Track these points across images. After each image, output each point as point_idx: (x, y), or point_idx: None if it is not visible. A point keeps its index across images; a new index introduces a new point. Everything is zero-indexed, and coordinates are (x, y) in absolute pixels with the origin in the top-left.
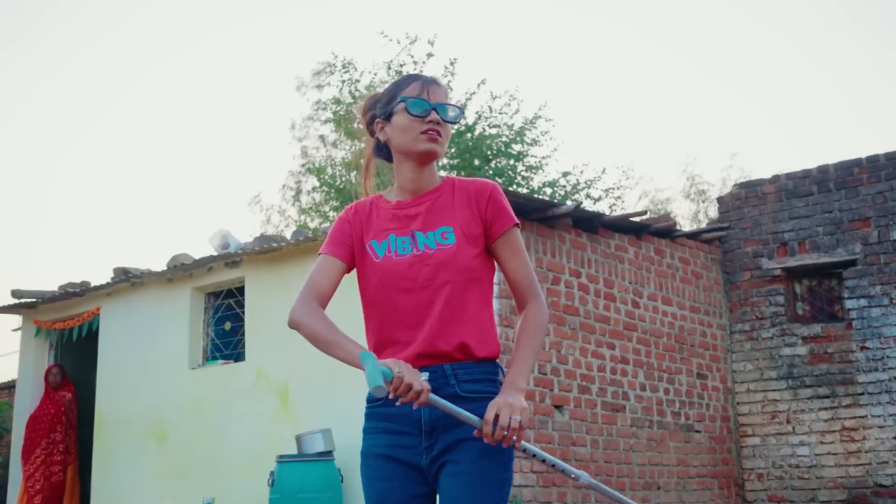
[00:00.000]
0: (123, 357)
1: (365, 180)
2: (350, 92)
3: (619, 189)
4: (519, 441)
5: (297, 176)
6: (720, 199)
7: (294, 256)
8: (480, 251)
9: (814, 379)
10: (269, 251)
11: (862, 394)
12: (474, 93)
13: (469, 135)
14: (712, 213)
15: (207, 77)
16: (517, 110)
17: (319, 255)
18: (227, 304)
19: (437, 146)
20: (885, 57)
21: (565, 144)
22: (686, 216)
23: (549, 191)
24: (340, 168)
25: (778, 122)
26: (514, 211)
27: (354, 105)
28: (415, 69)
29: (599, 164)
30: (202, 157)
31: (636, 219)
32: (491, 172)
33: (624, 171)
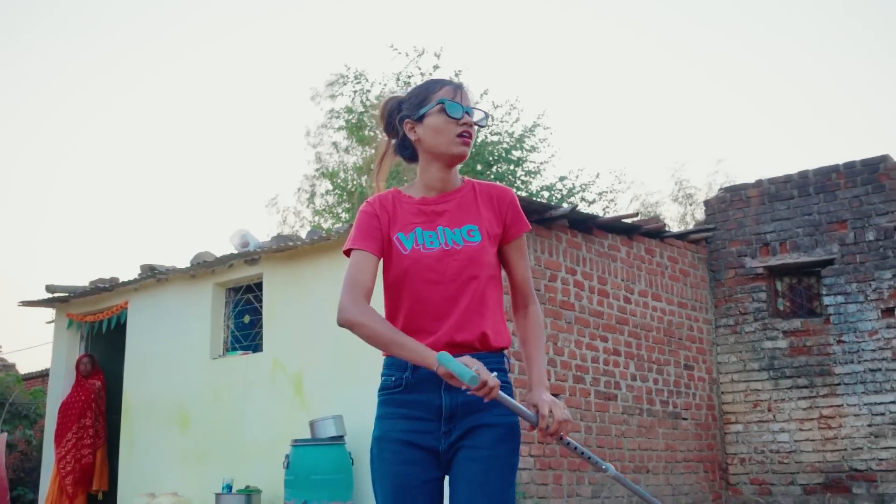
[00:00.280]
0: (149, 348)
1: (378, 174)
2: (362, 102)
3: (611, 192)
4: (567, 433)
5: (311, 180)
6: (706, 202)
7: (308, 255)
8: (496, 250)
9: (793, 370)
10: (285, 250)
11: (838, 384)
12: (478, 102)
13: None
14: (699, 216)
15: (230, 87)
16: (517, 119)
17: (353, 251)
18: (246, 298)
19: (468, 149)
20: (861, 69)
21: (562, 151)
22: (674, 218)
23: (546, 194)
24: (352, 172)
25: (761, 130)
26: None
27: (373, 107)
28: (423, 79)
29: (594, 169)
30: (224, 162)
31: (628, 220)
32: (492, 177)
33: (616, 176)
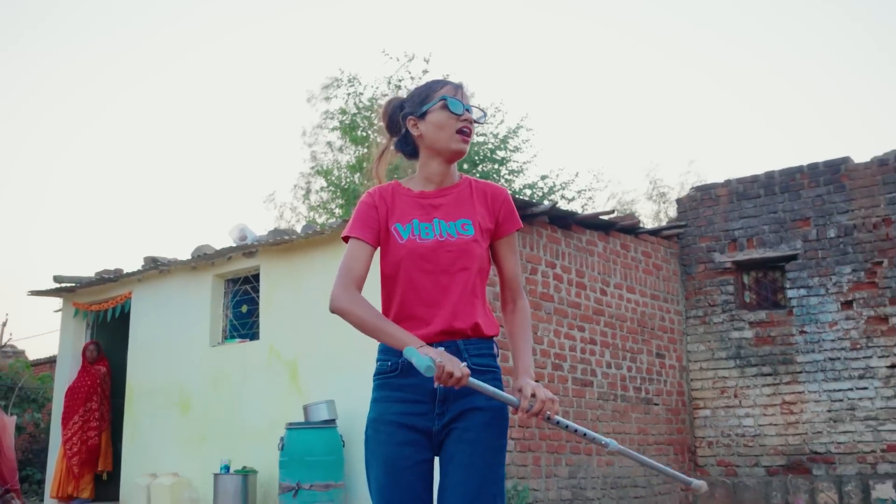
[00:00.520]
0: (152, 335)
1: (377, 168)
2: (355, 104)
3: (589, 191)
4: (553, 414)
5: (307, 177)
6: (678, 201)
7: (303, 248)
8: (486, 245)
9: (758, 359)
10: (281, 243)
11: (800, 372)
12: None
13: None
14: (671, 213)
15: (230, 88)
16: (501, 121)
17: (350, 239)
18: (244, 289)
19: (467, 146)
20: (824, 75)
21: (543, 151)
22: (649, 215)
23: (528, 192)
24: (346, 171)
25: (731, 132)
26: None
27: (366, 109)
28: (413, 84)
29: (573, 168)
30: (224, 160)
31: (604, 217)
32: (478, 175)
33: (594, 176)
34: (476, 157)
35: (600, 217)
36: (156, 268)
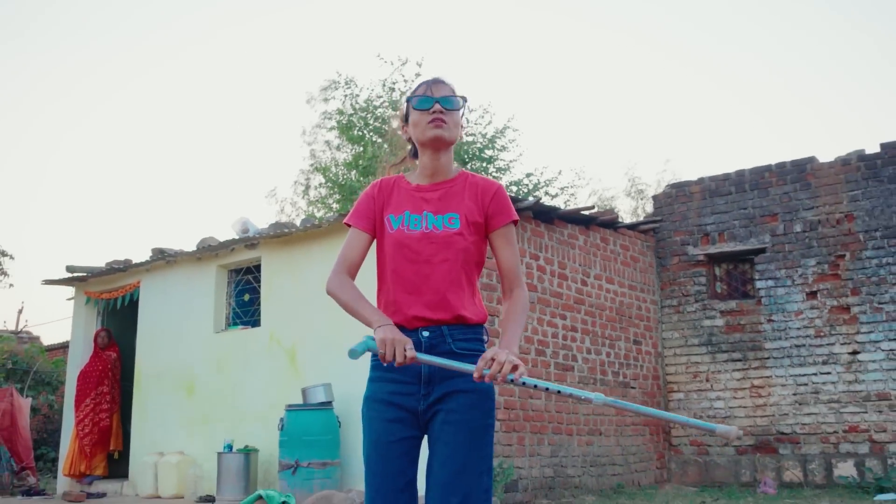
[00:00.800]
0: (159, 322)
1: (391, 168)
2: (351, 105)
3: (572, 188)
4: (518, 376)
5: (306, 174)
6: (655, 197)
7: (302, 240)
8: (478, 238)
9: (729, 345)
10: (281, 235)
11: (768, 358)
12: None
13: None
14: (648, 209)
15: (235, 90)
16: (489, 122)
17: (349, 228)
18: (246, 279)
19: (443, 131)
20: (791, 78)
21: (529, 150)
22: (627, 211)
23: (514, 188)
24: (343, 168)
25: (704, 133)
26: None
27: (362, 109)
28: (406, 86)
29: (556, 167)
30: (229, 158)
31: (585, 212)
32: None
33: (576, 173)
34: (465, 156)
35: (581, 212)
36: (163, 258)
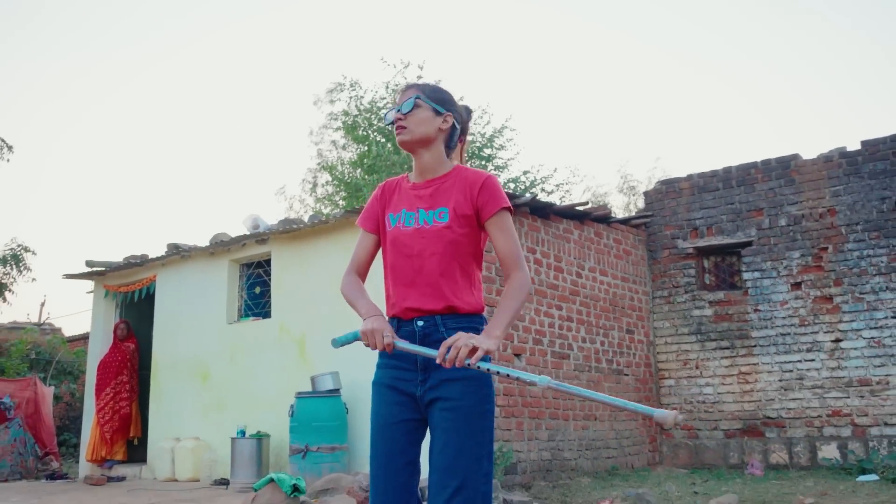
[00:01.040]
0: (175, 314)
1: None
2: (356, 106)
3: (567, 184)
4: (474, 361)
5: (313, 172)
6: (646, 193)
7: (310, 236)
8: (470, 231)
9: (717, 334)
10: (290, 231)
11: (755, 346)
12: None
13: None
14: (640, 204)
15: (246, 93)
16: (488, 122)
17: (360, 229)
18: (257, 272)
19: (403, 135)
20: (776, 78)
21: (526, 149)
22: (619, 206)
23: (512, 185)
24: (348, 166)
25: (693, 131)
26: None
27: (367, 111)
28: None
29: (552, 164)
30: (240, 157)
31: (580, 208)
32: None
33: (571, 171)
34: (465, 155)
35: (576, 208)
36: (178, 253)
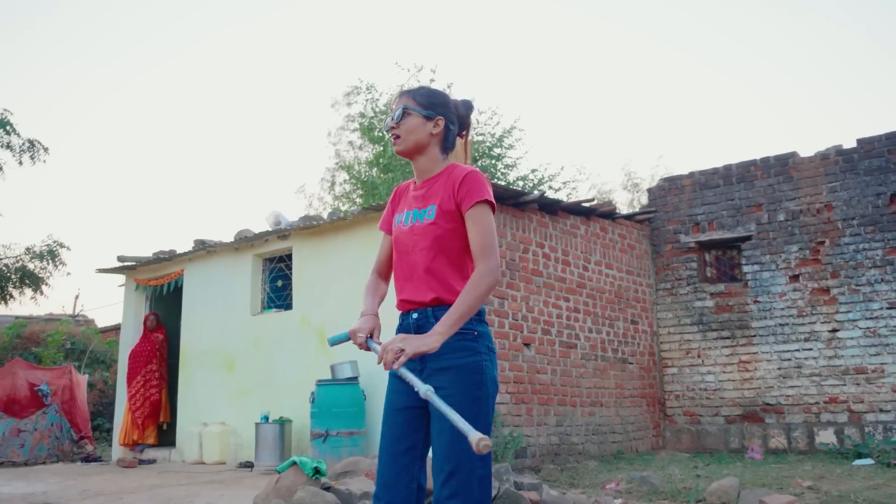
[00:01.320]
0: (201, 306)
1: None
2: (372, 108)
3: (573, 182)
4: (397, 365)
5: (331, 171)
6: (649, 190)
7: (329, 232)
8: (457, 225)
9: (718, 324)
10: (310, 227)
11: (754, 336)
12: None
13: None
14: (643, 201)
15: (268, 97)
16: (497, 122)
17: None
18: (279, 266)
19: (397, 145)
20: (775, 77)
21: (534, 148)
22: (624, 203)
23: (521, 183)
24: (365, 166)
25: (694, 130)
26: (495, 198)
27: (382, 113)
28: None
29: (559, 163)
30: (262, 157)
31: (586, 204)
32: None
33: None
34: (475, 154)
35: (582, 204)
36: (204, 249)
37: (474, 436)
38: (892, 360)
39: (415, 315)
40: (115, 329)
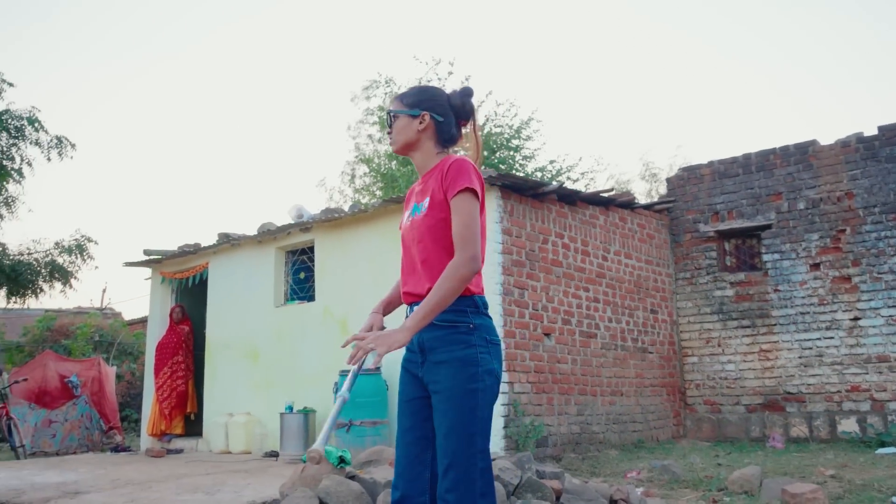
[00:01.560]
0: (226, 299)
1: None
2: (391, 101)
3: (591, 172)
4: (355, 362)
5: (351, 165)
6: (668, 180)
7: (350, 224)
8: (448, 216)
9: (738, 313)
10: (332, 220)
11: (775, 325)
12: (483, 101)
13: (480, 133)
14: (662, 191)
15: (289, 92)
16: (515, 114)
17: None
18: (302, 259)
19: (391, 146)
20: (795, 66)
21: (552, 139)
22: (642, 193)
23: (539, 174)
24: (384, 159)
25: (713, 120)
26: (514, 190)
27: None
28: (440, 84)
29: (577, 154)
30: (284, 151)
31: (605, 195)
32: (496, 161)
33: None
34: (494, 146)
35: (601, 195)
36: (228, 242)
37: (317, 447)
38: None
39: (414, 307)
40: (142, 321)
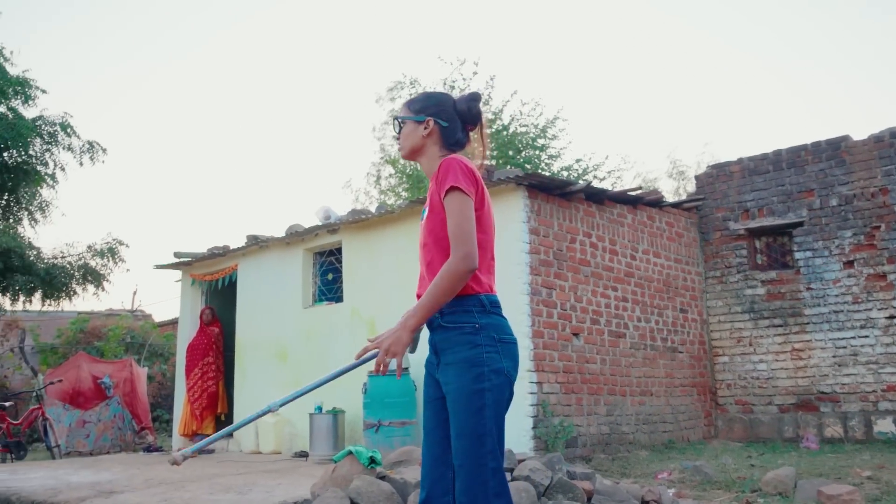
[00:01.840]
0: (255, 300)
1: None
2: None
3: (618, 171)
4: (384, 371)
5: (377, 166)
6: (697, 177)
7: (377, 225)
8: (445, 216)
9: (770, 312)
10: (358, 221)
11: (807, 323)
12: (508, 100)
13: (505, 133)
14: (690, 188)
15: (315, 95)
16: (541, 113)
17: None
18: (330, 260)
19: (399, 150)
20: (827, 63)
21: (578, 138)
22: (670, 191)
23: (565, 173)
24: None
25: (741, 116)
26: (541, 189)
27: None
28: (464, 84)
29: (603, 152)
30: (311, 154)
31: (632, 193)
32: (522, 160)
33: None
34: (520, 145)
35: (628, 193)
36: (256, 244)
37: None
38: None
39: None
40: (172, 323)
